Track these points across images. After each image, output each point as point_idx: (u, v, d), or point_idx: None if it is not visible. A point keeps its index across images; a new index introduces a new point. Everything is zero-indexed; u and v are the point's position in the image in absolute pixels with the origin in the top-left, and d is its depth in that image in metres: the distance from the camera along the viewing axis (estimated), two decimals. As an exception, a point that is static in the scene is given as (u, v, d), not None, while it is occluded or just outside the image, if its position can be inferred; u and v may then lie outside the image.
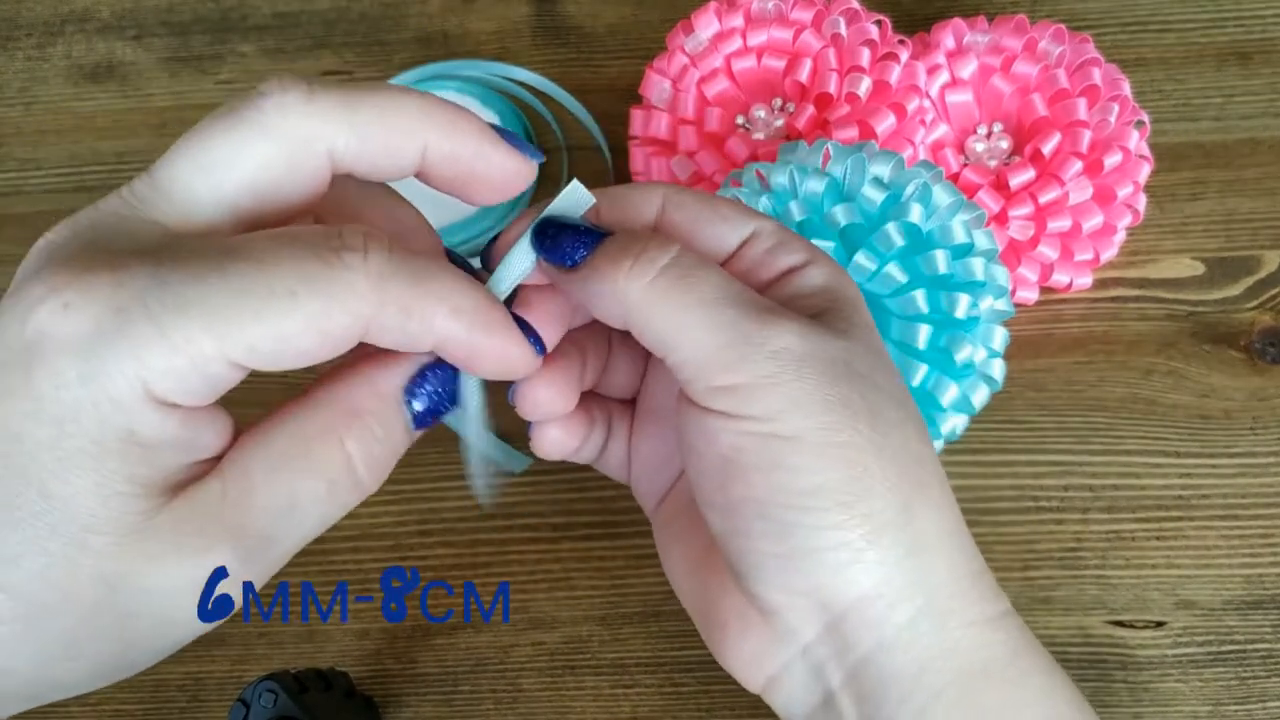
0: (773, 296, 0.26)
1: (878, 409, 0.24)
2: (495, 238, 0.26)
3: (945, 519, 0.25)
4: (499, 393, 0.44)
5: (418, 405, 0.23)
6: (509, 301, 0.25)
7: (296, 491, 0.21)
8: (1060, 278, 0.43)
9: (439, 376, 0.24)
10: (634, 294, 0.24)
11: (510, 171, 0.24)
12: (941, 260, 0.36)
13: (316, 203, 0.23)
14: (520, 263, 0.25)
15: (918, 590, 0.24)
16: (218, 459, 0.21)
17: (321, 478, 0.22)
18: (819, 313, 0.25)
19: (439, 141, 0.23)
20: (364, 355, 0.23)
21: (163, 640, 0.22)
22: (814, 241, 0.36)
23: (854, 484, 0.23)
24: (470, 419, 0.24)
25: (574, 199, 0.25)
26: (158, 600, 0.21)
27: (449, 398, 0.24)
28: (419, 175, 0.24)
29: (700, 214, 0.26)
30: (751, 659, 0.26)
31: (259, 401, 0.46)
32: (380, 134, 0.22)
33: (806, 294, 0.26)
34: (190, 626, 0.22)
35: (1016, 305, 0.43)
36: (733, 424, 0.24)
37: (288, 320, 0.20)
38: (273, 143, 0.21)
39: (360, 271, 0.20)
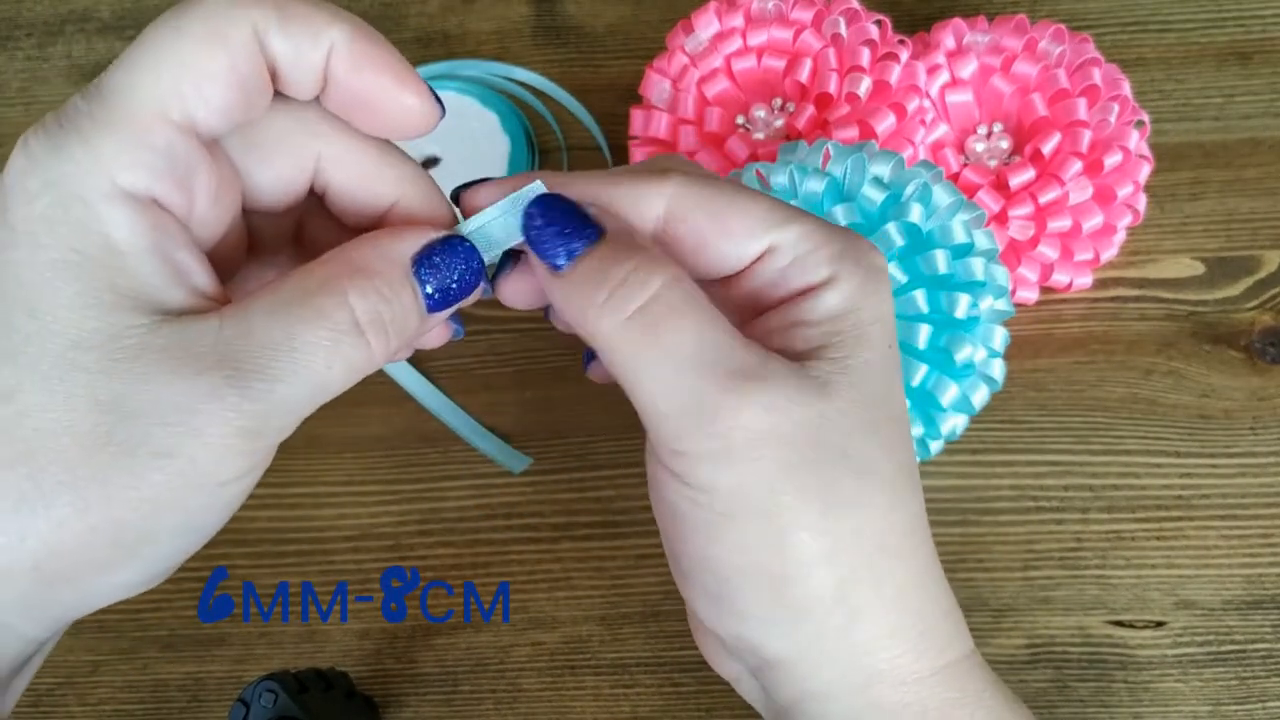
0: (776, 322, 0.25)
1: (833, 488, 0.23)
2: (469, 185, 0.25)
3: (894, 587, 0.24)
4: (499, 390, 0.44)
5: (430, 284, 0.23)
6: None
7: (295, 333, 0.21)
8: (1060, 278, 0.43)
9: (451, 254, 0.23)
10: (604, 329, 0.23)
11: (412, 111, 0.23)
12: (941, 260, 0.36)
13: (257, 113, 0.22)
14: (499, 235, 0.24)
15: (843, 659, 0.24)
16: (218, 303, 0.21)
17: (322, 325, 0.21)
18: (814, 350, 0.24)
19: (344, 46, 0.22)
20: (375, 230, 0.23)
21: (171, 486, 0.20)
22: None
23: (786, 568, 0.23)
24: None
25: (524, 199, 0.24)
26: (154, 429, 0.20)
27: (462, 282, 0.23)
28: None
29: (704, 232, 0.24)
30: (713, 658, 0.27)
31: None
32: (300, 27, 0.21)
33: (812, 322, 0.24)
34: (199, 471, 0.21)
35: (1016, 305, 0.43)
36: (681, 488, 0.23)
37: (182, 49, 0.20)
38: (207, 31, 0.21)
39: None
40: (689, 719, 0.38)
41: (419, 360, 0.45)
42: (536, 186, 0.24)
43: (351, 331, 0.21)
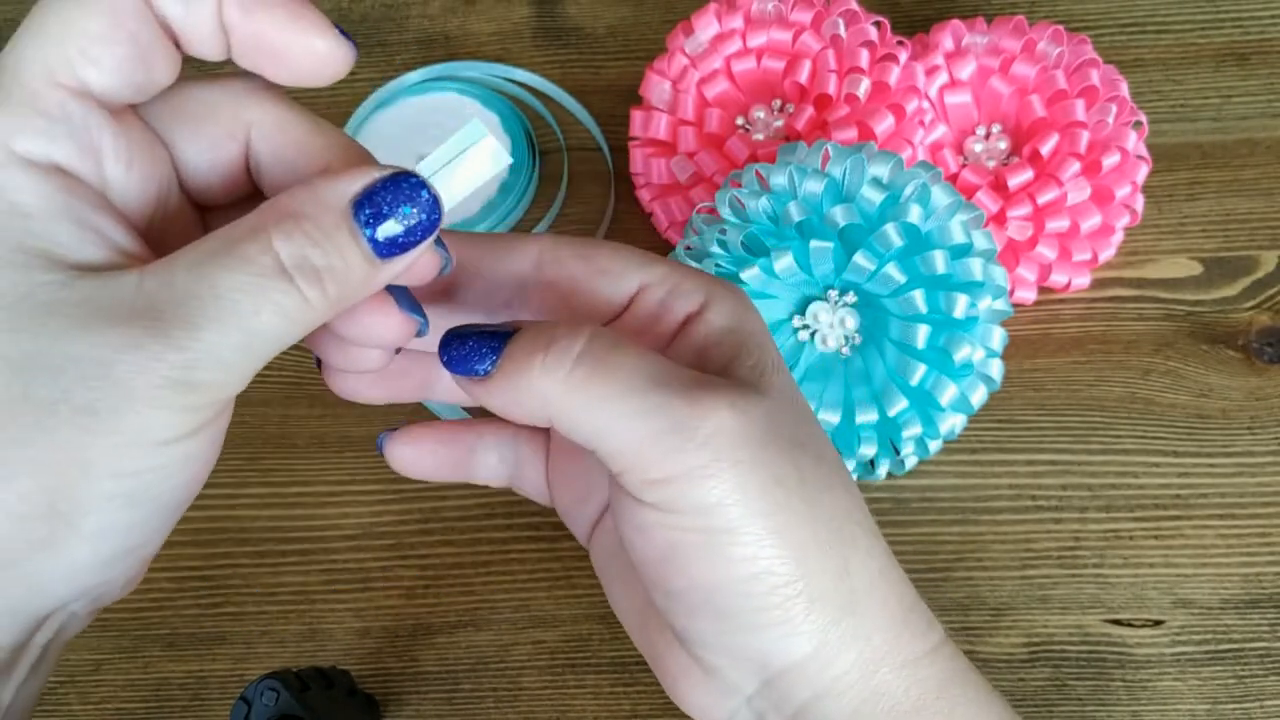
0: (679, 353, 0.25)
1: (806, 474, 0.23)
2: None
3: (875, 564, 0.25)
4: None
5: (374, 227, 0.21)
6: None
7: (218, 280, 0.20)
8: (1058, 278, 0.43)
9: (396, 192, 0.21)
10: (552, 391, 0.22)
11: (317, 52, 0.22)
12: (940, 260, 0.36)
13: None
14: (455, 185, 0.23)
15: (851, 644, 0.24)
16: (142, 261, 0.21)
17: (245, 270, 0.20)
18: (730, 362, 0.24)
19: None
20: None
21: (101, 447, 0.20)
22: (813, 242, 0.36)
23: (794, 564, 0.23)
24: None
25: (478, 147, 0.23)
26: (77, 387, 0.19)
27: (414, 222, 0.21)
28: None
29: (576, 272, 0.25)
30: (701, 708, 0.27)
31: (261, 400, 0.46)
32: None
33: (714, 341, 0.25)
34: (127, 434, 0.20)
35: (1015, 305, 0.43)
36: (670, 519, 0.23)
37: (67, 10, 0.20)
38: (97, 6, 0.20)
39: None
40: (689, 718, 0.39)
41: (420, 360, 0.45)
42: (478, 128, 0.23)
43: (277, 275, 0.20)
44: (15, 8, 0.56)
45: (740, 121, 0.46)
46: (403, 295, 0.23)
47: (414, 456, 0.28)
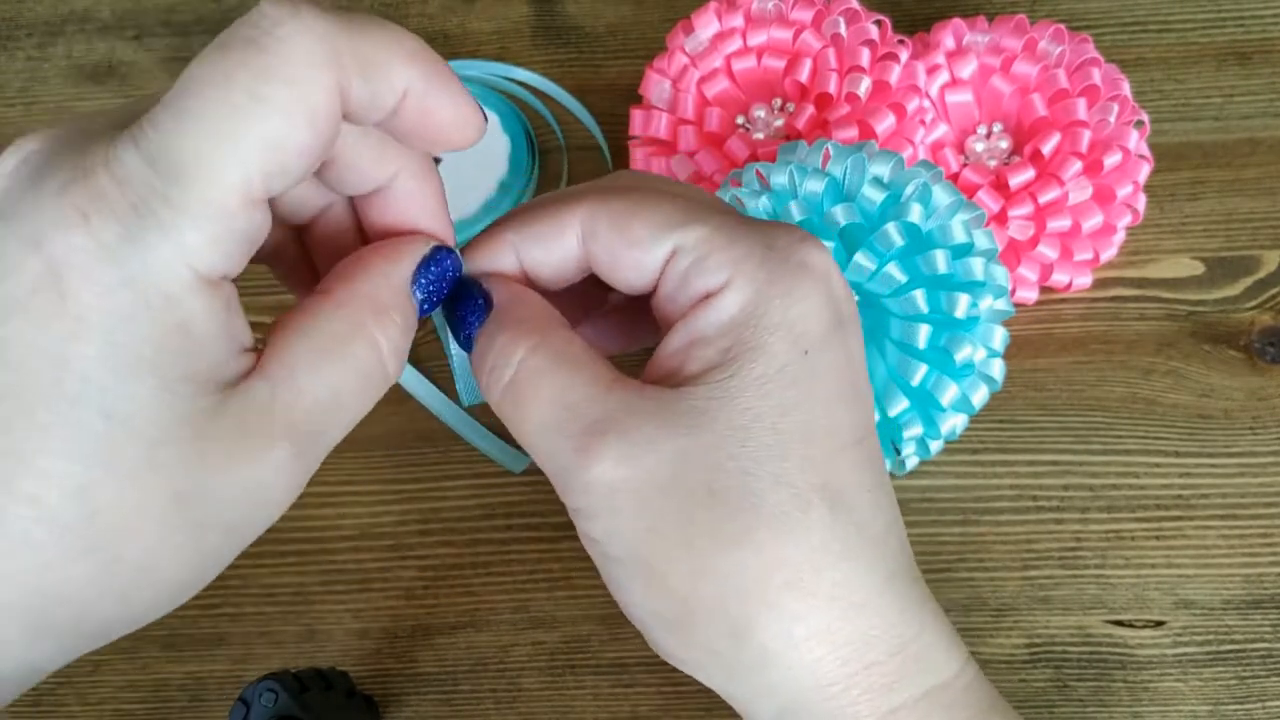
0: (681, 338, 0.24)
1: (701, 530, 0.22)
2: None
3: (806, 627, 0.23)
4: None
5: (419, 294, 0.24)
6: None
7: (339, 388, 0.22)
8: (1060, 277, 0.43)
9: (440, 265, 0.24)
10: (495, 406, 0.24)
11: (466, 141, 0.23)
12: (941, 260, 0.36)
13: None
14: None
15: (771, 698, 0.24)
16: (255, 353, 0.21)
17: (359, 372, 0.22)
18: (704, 372, 0.23)
19: (418, 84, 0.21)
20: (370, 251, 0.24)
21: (233, 548, 0.22)
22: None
23: (680, 611, 0.23)
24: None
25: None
26: (227, 509, 0.21)
27: (446, 286, 0.25)
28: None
29: (612, 244, 0.24)
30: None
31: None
32: (380, 76, 0.21)
33: (707, 339, 0.23)
34: (258, 529, 0.22)
35: (1016, 305, 0.43)
36: (585, 539, 0.24)
37: (269, 124, 0.19)
38: (294, 102, 0.19)
39: (302, 32, 0.19)
40: (689, 719, 0.38)
41: (419, 360, 0.45)
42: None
43: (379, 368, 0.23)
44: (14, 6, 0.56)
45: (740, 121, 0.45)
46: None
47: None
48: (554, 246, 0.25)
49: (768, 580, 0.23)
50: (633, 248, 0.24)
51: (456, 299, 0.25)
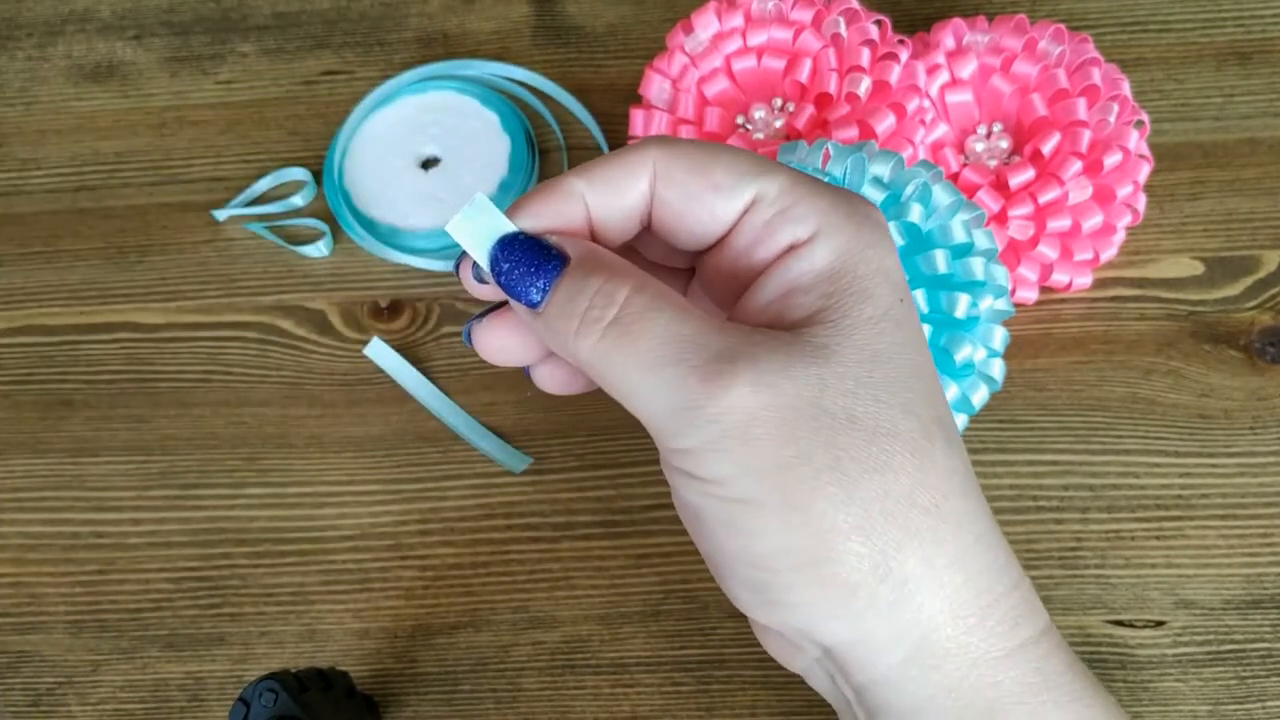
0: (771, 289, 0.24)
1: (847, 454, 0.22)
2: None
3: (943, 553, 0.23)
4: (499, 390, 0.44)
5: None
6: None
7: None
8: (1060, 277, 0.43)
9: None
10: (583, 353, 0.23)
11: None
12: (941, 260, 0.36)
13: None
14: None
15: (905, 637, 0.23)
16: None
17: None
18: (811, 316, 0.23)
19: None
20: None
21: None
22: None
23: (818, 546, 0.22)
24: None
25: (483, 220, 0.24)
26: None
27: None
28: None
29: (689, 187, 0.24)
30: (780, 654, 0.26)
31: (260, 400, 0.46)
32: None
33: (804, 286, 0.23)
34: None
35: (1016, 305, 0.43)
36: (694, 484, 0.23)
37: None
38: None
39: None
40: (689, 718, 0.38)
41: (419, 360, 0.45)
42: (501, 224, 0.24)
43: None
44: (14, 6, 0.56)
45: (740, 120, 0.45)
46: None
47: (502, 338, 0.26)
48: (626, 190, 0.24)
49: (911, 504, 0.23)
50: (712, 192, 0.24)
51: (514, 260, 0.24)
